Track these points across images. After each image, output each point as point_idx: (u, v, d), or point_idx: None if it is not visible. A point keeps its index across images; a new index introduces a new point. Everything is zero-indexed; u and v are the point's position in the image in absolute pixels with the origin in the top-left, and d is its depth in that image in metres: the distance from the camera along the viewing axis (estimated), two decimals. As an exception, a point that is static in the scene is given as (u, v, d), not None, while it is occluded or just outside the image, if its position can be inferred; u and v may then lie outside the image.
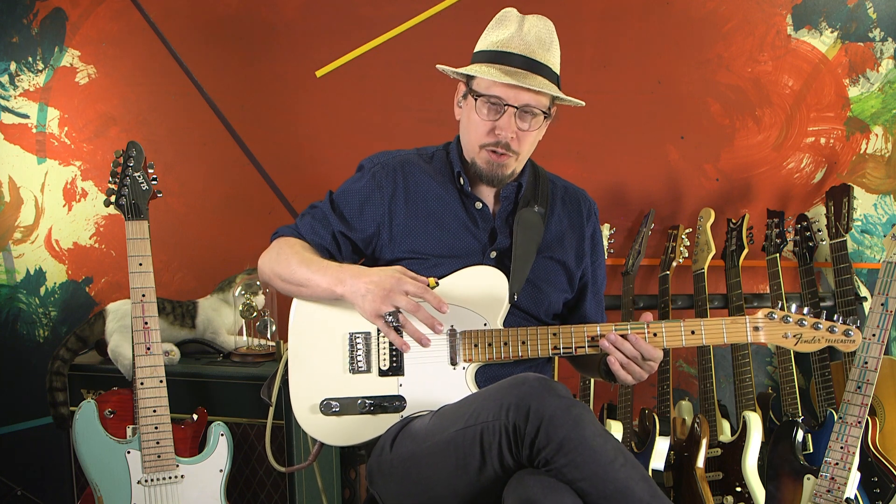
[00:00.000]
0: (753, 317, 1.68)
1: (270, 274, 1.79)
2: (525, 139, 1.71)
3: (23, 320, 3.00)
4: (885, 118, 2.67)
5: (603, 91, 2.77)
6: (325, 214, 1.81)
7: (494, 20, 1.74)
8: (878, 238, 2.70)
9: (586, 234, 1.88)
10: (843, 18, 2.66)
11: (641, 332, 1.66)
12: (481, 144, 1.71)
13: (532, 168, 1.86)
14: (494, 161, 1.72)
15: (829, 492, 2.09)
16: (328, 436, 1.71)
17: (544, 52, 1.69)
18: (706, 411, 2.56)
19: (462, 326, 1.71)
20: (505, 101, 1.67)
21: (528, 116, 1.69)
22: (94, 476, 2.04)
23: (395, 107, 2.80)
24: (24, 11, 2.91)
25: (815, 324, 1.66)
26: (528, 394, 1.43)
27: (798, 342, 1.67)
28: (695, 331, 1.66)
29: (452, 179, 1.80)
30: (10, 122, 2.95)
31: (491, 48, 1.70)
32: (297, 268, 1.72)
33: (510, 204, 1.81)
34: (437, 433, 1.54)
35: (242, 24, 2.86)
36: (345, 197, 1.82)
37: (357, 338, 1.73)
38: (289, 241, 1.80)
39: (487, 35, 1.74)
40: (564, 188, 1.90)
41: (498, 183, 1.76)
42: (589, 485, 1.38)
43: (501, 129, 1.68)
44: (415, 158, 1.84)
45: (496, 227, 1.79)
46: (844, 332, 1.66)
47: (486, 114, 1.69)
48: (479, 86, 1.70)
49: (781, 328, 1.66)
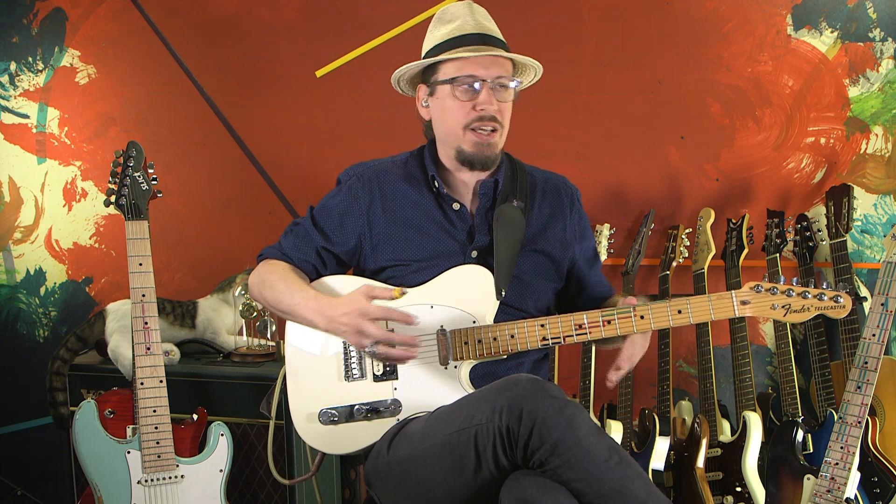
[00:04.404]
0: (739, 291, 1.64)
1: (260, 298, 1.83)
2: (505, 111, 1.75)
3: (23, 320, 3.00)
4: (885, 118, 2.67)
5: (603, 91, 2.76)
6: (307, 231, 1.83)
7: (436, 18, 1.79)
8: (878, 238, 2.70)
9: (570, 222, 1.87)
10: (843, 18, 2.66)
11: (628, 315, 1.65)
12: (465, 125, 1.73)
13: (510, 162, 1.86)
14: (482, 141, 1.73)
15: (829, 492, 2.09)
16: (328, 445, 1.72)
17: (496, 28, 1.77)
18: (706, 411, 2.56)
19: (452, 327, 1.71)
20: (479, 77, 1.70)
21: (502, 89, 1.73)
22: (94, 476, 2.04)
23: (395, 107, 2.80)
24: (24, 11, 2.91)
25: (803, 292, 1.62)
26: (521, 395, 1.43)
27: (787, 313, 1.63)
28: (681, 310, 1.64)
29: (427, 183, 1.81)
30: (10, 122, 2.95)
31: (446, 38, 1.74)
32: (281, 297, 1.75)
33: (488, 200, 1.81)
34: (433, 436, 1.55)
35: (242, 24, 2.86)
36: (324, 212, 1.84)
37: (350, 346, 1.73)
38: (273, 266, 1.81)
39: (435, 31, 1.78)
40: (545, 179, 1.89)
41: (488, 164, 1.77)
42: (584, 485, 1.39)
43: (483, 103, 1.71)
44: (389, 166, 1.85)
45: (474, 225, 1.79)
46: (833, 298, 1.62)
47: (463, 94, 1.71)
48: (447, 73, 1.73)
49: (769, 300, 1.63)
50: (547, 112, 2.66)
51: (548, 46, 2.72)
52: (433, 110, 1.79)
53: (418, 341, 1.65)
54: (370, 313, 1.63)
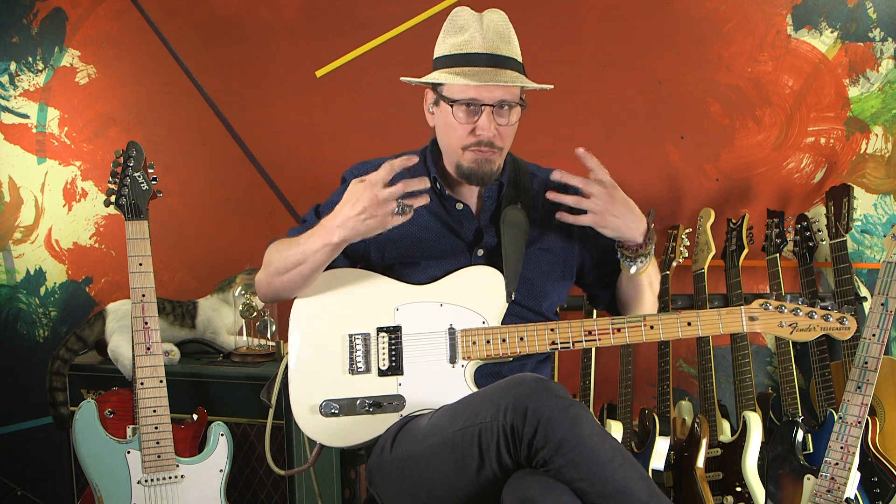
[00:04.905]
0: (749, 307, 1.69)
1: (268, 280, 1.77)
2: (506, 134, 1.73)
3: (23, 320, 3.00)
4: (885, 118, 2.67)
5: (603, 91, 2.76)
6: (311, 226, 1.81)
7: (448, 22, 1.74)
8: (878, 238, 2.70)
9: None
10: (843, 18, 2.66)
11: (638, 324, 1.67)
12: (464, 146, 1.72)
13: (513, 163, 1.86)
14: (481, 158, 1.71)
15: (829, 492, 2.09)
16: (328, 437, 1.71)
17: (506, 46, 1.70)
18: (706, 411, 2.56)
19: (461, 325, 1.71)
20: (481, 102, 1.67)
21: (505, 111, 1.70)
22: (94, 476, 2.04)
23: (395, 107, 2.80)
24: (24, 11, 2.91)
25: (809, 312, 1.67)
26: (526, 394, 1.43)
27: (794, 331, 1.67)
28: (691, 322, 1.67)
29: (431, 183, 1.81)
30: (10, 122, 2.95)
31: (454, 51, 1.70)
32: (288, 252, 1.70)
33: (493, 203, 1.81)
34: (436, 434, 1.54)
35: (242, 24, 2.86)
36: (329, 210, 1.81)
37: (356, 339, 1.73)
38: (274, 244, 1.80)
39: (446, 39, 1.73)
40: (545, 177, 1.88)
41: (486, 181, 1.75)
42: (587, 484, 1.39)
43: (482, 129, 1.69)
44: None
45: (482, 226, 1.80)
46: (839, 320, 1.67)
47: (463, 117, 1.69)
48: (450, 92, 1.70)
49: (777, 317, 1.67)
50: (547, 112, 2.65)
51: (548, 46, 2.72)
52: (437, 120, 1.78)
53: (427, 183, 1.61)
54: (378, 179, 1.57)
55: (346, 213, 1.60)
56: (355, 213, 1.59)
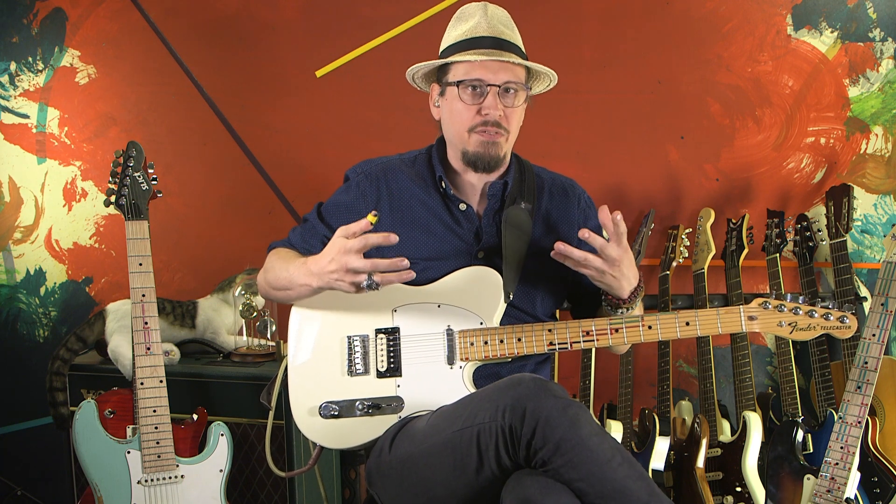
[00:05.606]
0: (748, 306, 1.68)
1: (266, 287, 1.82)
2: (512, 116, 1.74)
3: (23, 320, 3.00)
4: (885, 118, 2.67)
5: (603, 91, 2.76)
6: (314, 226, 1.84)
7: (455, 18, 1.79)
8: (878, 238, 2.70)
9: (576, 222, 1.85)
10: (843, 18, 2.66)
11: (636, 325, 1.67)
12: (470, 128, 1.72)
13: (518, 163, 1.86)
14: (487, 140, 1.72)
15: (829, 492, 2.09)
16: (327, 439, 1.71)
17: (511, 33, 1.75)
18: (706, 411, 2.56)
19: (459, 326, 1.71)
20: (486, 82, 1.70)
21: (511, 94, 1.72)
22: (94, 476, 2.04)
23: (394, 107, 2.80)
24: (24, 11, 2.91)
25: (809, 311, 1.66)
26: (524, 395, 1.43)
27: (793, 330, 1.67)
28: (689, 322, 1.67)
29: (434, 184, 1.81)
30: (10, 122, 2.95)
31: (460, 38, 1.73)
32: (279, 272, 1.74)
33: (497, 202, 1.81)
34: (435, 434, 1.54)
35: (242, 24, 2.86)
36: (332, 208, 1.84)
37: (355, 340, 1.73)
38: (277, 252, 1.83)
39: (452, 31, 1.78)
40: (552, 180, 1.89)
41: (493, 166, 1.76)
42: (586, 484, 1.38)
43: (488, 108, 1.70)
44: (397, 164, 1.85)
45: (481, 226, 1.79)
46: (839, 319, 1.66)
47: (469, 98, 1.71)
48: (456, 74, 1.73)
49: (776, 317, 1.66)
50: (547, 112, 2.65)
51: (548, 46, 2.72)
52: (443, 111, 1.79)
53: (406, 262, 1.58)
54: (350, 247, 1.57)
55: (322, 265, 1.61)
56: (328, 271, 1.60)
